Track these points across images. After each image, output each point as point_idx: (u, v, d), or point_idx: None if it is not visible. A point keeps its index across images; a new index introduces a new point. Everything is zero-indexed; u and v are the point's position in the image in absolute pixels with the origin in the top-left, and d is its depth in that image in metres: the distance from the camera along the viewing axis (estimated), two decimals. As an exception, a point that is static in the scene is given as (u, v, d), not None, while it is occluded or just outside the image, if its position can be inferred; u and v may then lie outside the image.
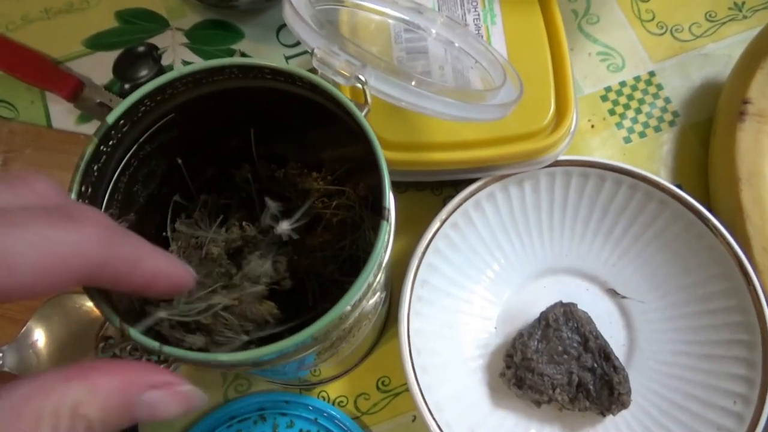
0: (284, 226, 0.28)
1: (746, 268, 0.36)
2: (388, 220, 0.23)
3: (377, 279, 0.24)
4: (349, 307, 0.23)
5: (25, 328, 0.39)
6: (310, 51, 0.26)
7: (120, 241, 0.18)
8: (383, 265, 0.24)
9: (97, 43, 0.48)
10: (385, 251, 0.24)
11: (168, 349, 0.22)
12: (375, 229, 0.23)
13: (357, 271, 0.22)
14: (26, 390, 0.15)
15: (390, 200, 0.24)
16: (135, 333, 0.22)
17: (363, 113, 0.25)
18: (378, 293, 0.27)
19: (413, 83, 0.26)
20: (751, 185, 0.38)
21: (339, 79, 0.26)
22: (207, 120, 0.28)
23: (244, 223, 0.29)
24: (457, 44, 0.36)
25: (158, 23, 0.48)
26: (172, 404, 0.19)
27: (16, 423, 0.15)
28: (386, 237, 0.23)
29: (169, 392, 0.19)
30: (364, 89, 0.26)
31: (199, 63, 0.25)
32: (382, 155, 0.24)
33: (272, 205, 0.27)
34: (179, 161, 0.29)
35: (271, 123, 0.29)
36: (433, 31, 0.36)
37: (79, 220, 0.17)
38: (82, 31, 0.48)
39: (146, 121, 0.26)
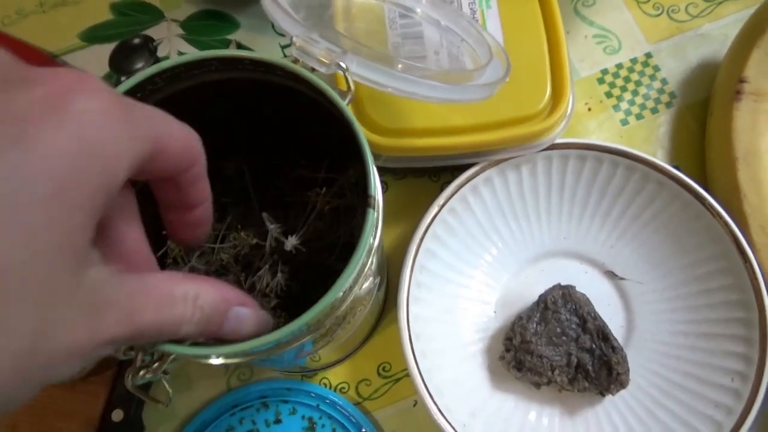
0: (293, 242, 0.28)
1: (743, 246, 0.36)
2: (374, 208, 0.23)
3: (367, 266, 0.24)
4: (340, 294, 0.23)
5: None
6: (290, 40, 0.26)
7: None
8: (373, 251, 0.24)
9: (93, 35, 0.48)
10: (374, 239, 0.24)
11: (162, 345, 0.22)
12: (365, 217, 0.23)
13: None
14: (159, 278, 0.19)
15: (376, 187, 0.24)
16: None
17: (346, 101, 0.25)
18: (371, 279, 0.27)
19: (399, 67, 0.26)
20: (747, 164, 0.38)
21: (319, 67, 0.26)
22: (192, 114, 0.28)
23: (243, 233, 0.30)
24: (443, 23, 0.36)
25: (153, 15, 0.48)
26: (253, 323, 0.22)
27: (159, 301, 0.19)
28: (373, 225, 0.23)
29: (253, 311, 0.22)
30: (345, 76, 0.26)
31: (179, 57, 0.25)
32: (366, 142, 0.24)
33: (273, 228, 0.27)
34: None
35: (257, 115, 0.29)
36: (419, 10, 0.36)
37: None
38: (78, 24, 0.48)
39: None
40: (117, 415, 0.39)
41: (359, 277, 0.24)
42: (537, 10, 0.40)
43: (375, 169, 0.25)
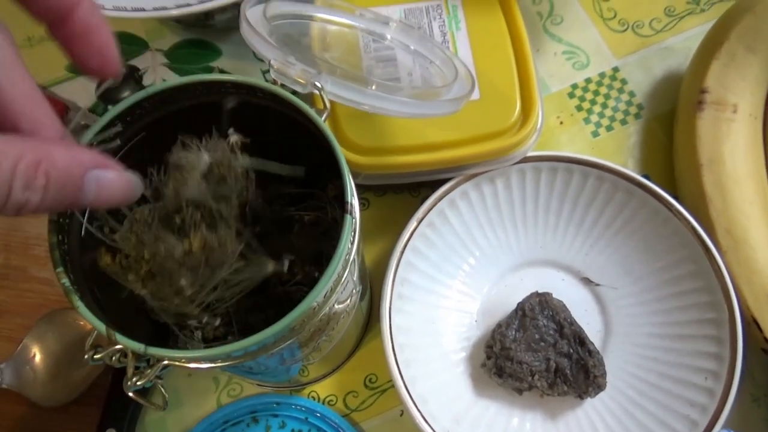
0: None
1: (711, 249, 0.38)
2: (351, 214, 0.25)
3: (347, 270, 0.26)
4: (322, 297, 0.24)
5: (21, 345, 0.40)
6: (268, 63, 0.28)
7: None
8: (351, 257, 0.26)
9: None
10: (352, 244, 0.26)
11: (153, 350, 0.23)
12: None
13: None
14: None
15: (352, 194, 0.26)
16: (120, 337, 0.23)
17: (323, 117, 0.26)
18: (352, 286, 0.28)
19: (373, 87, 0.28)
20: (711, 171, 0.40)
21: (296, 87, 0.28)
22: (178, 135, 0.29)
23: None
24: (412, 47, 0.38)
25: (138, 45, 0.50)
26: (117, 186, 0.20)
27: None
28: (351, 229, 0.25)
29: (115, 173, 0.20)
30: (321, 95, 0.27)
31: (165, 82, 0.27)
32: (341, 152, 0.25)
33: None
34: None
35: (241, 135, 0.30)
36: (389, 36, 0.38)
37: None
38: (65, 57, 0.49)
39: (120, 140, 0.27)
40: (110, 436, 0.39)
41: (339, 282, 0.25)
42: (504, 30, 0.42)
43: (351, 176, 0.26)
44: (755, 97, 0.41)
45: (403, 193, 0.46)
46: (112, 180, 0.20)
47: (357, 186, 0.46)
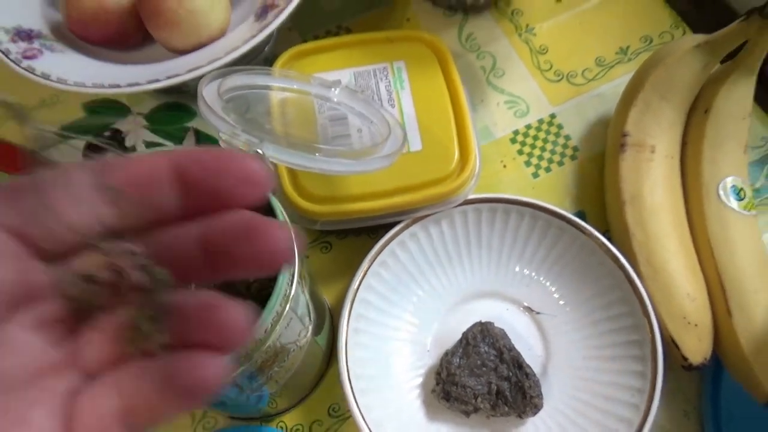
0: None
1: (632, 278, 0.42)
2: (285, 273, 0.29)
3: (287, 307, 0.30)
4: (263, 333, 0.28)
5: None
6: (217, 135, 0.32)
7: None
8: (290, 299, 0.30)
9: (69, 130, 0.54)
10: (290, 285, 0.30)
11: None
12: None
13: None
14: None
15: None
16: None
17: None
18: (299, 323, 0.32)
19: (318, 154, 0.32)
20: (633, 206, 0.45)
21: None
22: None
23: None
24: (356, 108, 0.43)
25: (122, 110, 0.55)
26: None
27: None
28: (285, 281, 0.29)
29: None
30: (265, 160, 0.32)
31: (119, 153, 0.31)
32: (279, 205, 0.30)
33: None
34: None
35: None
36: (334, 99, 0.43)
37: None
38: (55, 122, 0.55)
39: None
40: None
41: (279, 319, 0.29)
42: (444, 88, 0.47)
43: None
44: (670, 139, 0.46)
45: (363, 236, 0.50)
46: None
47: (318, 231, 0.50)
